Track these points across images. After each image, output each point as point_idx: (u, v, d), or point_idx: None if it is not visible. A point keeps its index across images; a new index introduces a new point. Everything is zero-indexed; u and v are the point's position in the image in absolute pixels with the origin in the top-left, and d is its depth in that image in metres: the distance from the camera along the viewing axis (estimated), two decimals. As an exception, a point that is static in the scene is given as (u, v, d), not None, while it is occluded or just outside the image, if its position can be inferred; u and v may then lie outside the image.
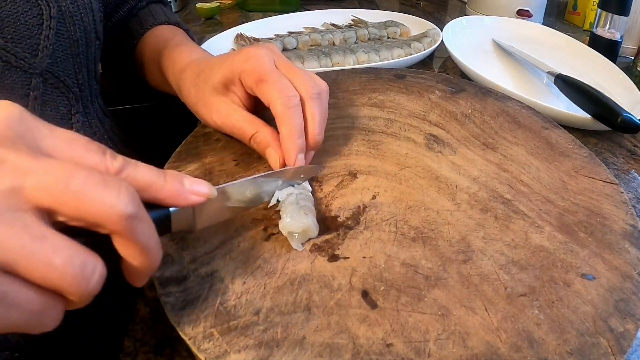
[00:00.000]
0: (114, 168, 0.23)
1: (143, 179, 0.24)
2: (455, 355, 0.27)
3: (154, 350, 0.31)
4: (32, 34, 0.37)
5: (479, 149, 0.44)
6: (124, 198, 0.21)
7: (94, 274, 0.21)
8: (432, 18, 0.88)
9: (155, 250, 0.24)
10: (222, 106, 0.40)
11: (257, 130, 0.38)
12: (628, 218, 0.38)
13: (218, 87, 0.40)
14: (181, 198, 0.26)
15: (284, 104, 0.36)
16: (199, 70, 0.43)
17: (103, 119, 0.49)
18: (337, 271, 0.32)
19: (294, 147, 0.36)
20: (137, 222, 0.22)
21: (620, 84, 0.66)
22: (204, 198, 0.27)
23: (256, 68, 0.37)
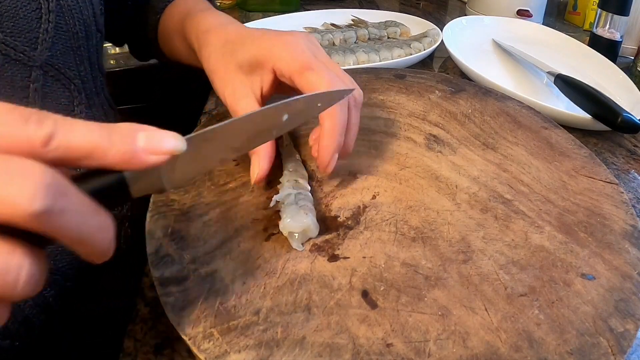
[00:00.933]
0: (39, 138, 0.19)
1: (80, 144, 0.20)
2: (455, 355, 0.27)
3: (154, 350, 0.31)
4: (31, 27, 0.37)
5: (479, 149, 0.44)
6: (28, 192, 0.17)
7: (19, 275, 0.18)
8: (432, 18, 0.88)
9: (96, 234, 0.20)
10: (239, 87, 0.38)
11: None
12: (628, 218, 0.38)
13: (244, 65, 0.38)
14: (134, 161, 0.21)
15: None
16: (226, 39, 0.40)
17: (108, 111, 0.49)
18: (337, 271, 0.32)
19: (333, 144, 0.35)
20: (53, 217, 0.18)
21: (620, 84, 0.66)
22: (167, 156, 0.22)
23: (298, 57, 0.35)
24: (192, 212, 0.36)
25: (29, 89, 0.39)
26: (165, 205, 0.36)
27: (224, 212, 0.36)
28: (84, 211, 0.19)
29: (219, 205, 0.36)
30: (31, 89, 0.39)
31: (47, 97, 0.40)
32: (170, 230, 0.34)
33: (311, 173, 0.40)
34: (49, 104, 0.41)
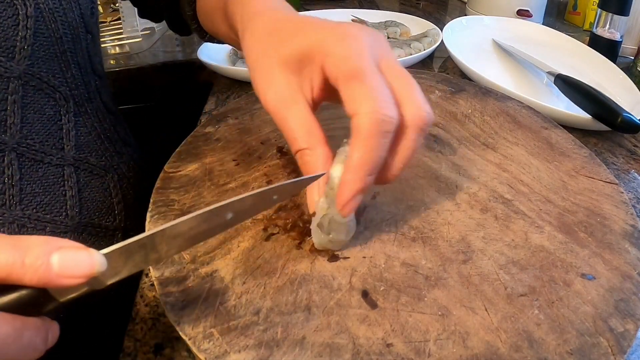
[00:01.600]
0: None
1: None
2: (455, 355, 0.27)
3: (154, 350, 0.31)
4: (7, 35, 0.35)
5: (479, 149, 0.44)
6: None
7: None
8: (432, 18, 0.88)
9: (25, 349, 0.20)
10: (285, 90, 0.31)
11: (309, 147, 0.30)
12: (628, 218, 0.38)
13: (290, 61, 0.31)
14: (50, 284, 0.21)
15: (373, 123, 0.27)
16: (273, 28, 0.33)
17: (104, 117, 0.48)
18: (337, 271, 0.32)
19: (357, 186, 0.28)
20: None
21: (620, 84, 0.66)
22: (83, 279, 0.21)
23: (351, 57, 0.28)
24: (192, 212, 0.36)
25: (7, 101, 0.36)
26: (165, 205, 0.36)
27: (224, 212, 0.36)
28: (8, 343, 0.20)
29: (219, 205, 0.36)
30: (9, 102, 0.37)
31: (28, 108, 0.38)
32: (170, 230, 0.34)
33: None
34: (31, 115, 0.39)
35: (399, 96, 0.29)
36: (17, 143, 0.38)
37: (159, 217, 0.35)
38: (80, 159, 0.44)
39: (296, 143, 0.31)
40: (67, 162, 0.42)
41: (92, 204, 0.45)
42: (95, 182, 0.45)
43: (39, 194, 0.40)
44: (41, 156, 0.40)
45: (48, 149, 0.40)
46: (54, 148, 0.41)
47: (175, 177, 0.39)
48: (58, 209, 0.41)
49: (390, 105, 0.28)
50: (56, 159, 0.41)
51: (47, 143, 0.40)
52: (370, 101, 0.27)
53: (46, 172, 0.40)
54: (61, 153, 0.42)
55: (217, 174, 0.39)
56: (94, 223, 0.44)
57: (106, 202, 0.46)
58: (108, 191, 0.47)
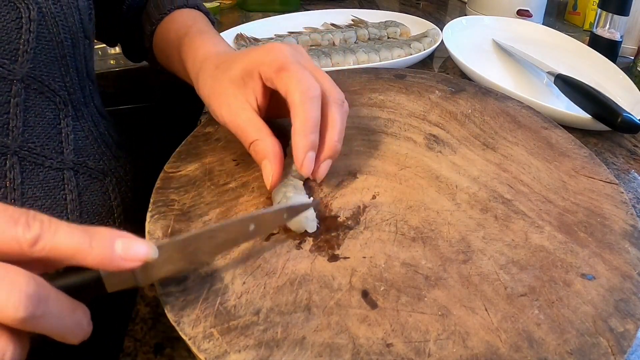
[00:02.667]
0: (27, 240, 0.22)
1: (64, 247, 0.22)
2: (455, 355, 0.27)
3: (154, 350, 0.31)
4: (10, 38, 0.35)
5: (479, 149, 0.44)
6: (14, 301, 0.20)
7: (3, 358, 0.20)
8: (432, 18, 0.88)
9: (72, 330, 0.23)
10: (234, 102, 0.38)
11: (259, 138, 0.36)
12: (628, 218, 0.38)
13: (236, 79, 0.38)
14: (111, 265, 0.23)
15: (302, 93, 0.34)
16: (219, 62, 0.41)
17: (98, 122, 0.48)
18: (337, 271, 0.32)
19: (305, 143, 0.34)
20: (35, 321, 0.21)
21: (620, 84, 0.66)
22: (140, 262, 0.24)
23: (278, 58, 0.35)
24: (192, 212, 0.36)
25: (10, 104, 0.37)
26: (165, 205, 0.36)
27: (224, 212, 0.36)
28: (62, 313, 0.22)
29: (219, 205, 0.36)
30: (12, 104, 0.37)
31: (29, 111, 0.39)
32: (170, 230, 0.34)
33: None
34: (32, 119, 0.39)
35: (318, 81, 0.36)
36: (19, 146, 0.38)
37: (159, 217, 0.35)
38: (79, 162, 0.44)
39: (248, 137, 0.36)
40: (66, 166, 0.42)
41: (91, 207, 0.45)
42: (94, 185, 0.45)
43: (40, 198, 0.40)
44: (42, 160, 0.40)
45: (48, 153, 0.41)
46: (54, 152, 0.41)
47: (175, 177, 0.39)
48: (59, 213, 0.41)
49: (312, 79, 0.35)
50: (56, 162, 0.41)
51: (47, 147, 0.40)
52: (296, 80, 0.34)
53: (47, 176, 0.40)
54: (61, 157, 0.42)
55: (217, 174, 0.39)
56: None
57: (105, 205, 0.47)
58: (107, 195, 0.47)
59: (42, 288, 0.21)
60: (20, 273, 0.21)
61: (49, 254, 0.22)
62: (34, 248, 0.22)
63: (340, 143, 0.36)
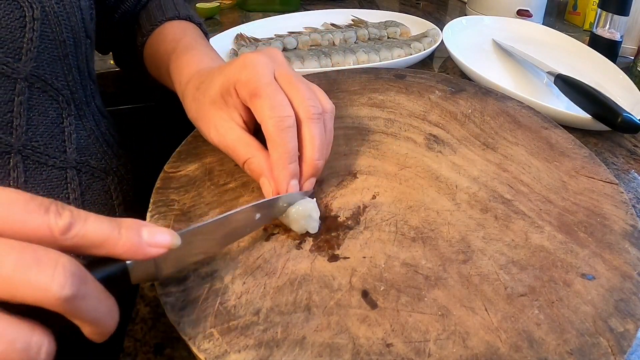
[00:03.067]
0: (59, 228, 0.22)
1: (95, 235, 0.23)
2: (455, 355, 0.27)
3: (154, 350, 0.31)
4: (14, 37, 0.36)
5: (479, 149, 0.44)
6: (60, 279, 0.20)
7: (39, 352, 0.20)
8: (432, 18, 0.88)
9: (106, 318, 0.23)
10: (220, 123, 0.37)
11: (251, 156, 0.36)
12: (628, 218, 0.38)
13: (216, 99, 0.37)
14: (139, 252, 0.24)
15: (275, 125, 0.33)
16: (199, 83, 0.40)
17: (100, 121, 0.48)
18: (337, 271, 0.32)
19: (285, 174, 0.34)
20: (77, 301, 0.21)
21: (620, 84, 0.66)
22: (165, 249, 0.25)
23: (251, 79, 0.34)
24: (192, 212, 0.36)
25: (13, 102, 0.37)
26: (165, 205, 0.36)
27: (224, 212, 0.36)
28: (99, 297, 0.22)
29: (219, 205, 0.36)
30: (15, 103, 0.37)
31: (33, 110, 0.39)
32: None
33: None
34: (36, 117, 0.39)
35: (291, 98, 0.35)
36: (23, 145, 0.38)
37: (159, 217, 0.35)
38: (81, 161, 0.44)
39: (239, 156, 0.36)
40: (69, 165, 0.42)
41: (94, 206, 0.45)
42: (96, 184, 0.46)
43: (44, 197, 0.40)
44: (45, 158, 0.40)
45: (51, 152, 0.41)
46: (56, 150, 0.41)
47: (175, 177, 0.39)
48: None
49: (285, 107, 0.34)
50: (59, 161, 0.41)
51: (50, 145, 0.41)
52: (269, 109, 0.33)
53: (50, 175, 0.41)
54: (64, 156, 0.42)
55: (217, 174, 0.39)
56: None
57: (108, 204, 0.47)
58: (109, 193, 0.47)
59: (82, 269, 0.21)
60: (60, 253, 0.21)
61: (79, 242, 0.22)
62: (66, 235, 0.22)
63: (321, 160, 0.35)
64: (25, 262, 0.20)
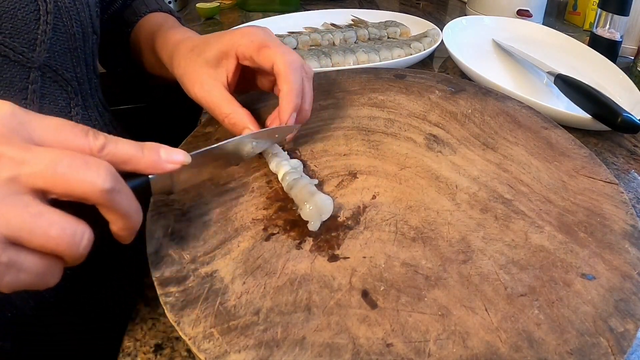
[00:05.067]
0: (96, 147, 0.26)
1: (123, 154, 0.27)
2: (455, 355, 0.27)
3: (154, 350, 0.31)
4: (29, 29, 0.38)
5: (479, 149, 0.44)
6: (103, 175, 0.24)
7: (83, 238, 0.24)
8: (432, 18, 0.88)
9: (135, 214, 0.27)
10: (207, 80, 0.42)
11: (232, 111, 0.40)
12: (628, 218, 0.38)
13: (211, 59, 0.42)
14: (158, 167, 0.29)
15: (288, 63, 0.39)
16: (193, 45, 0.45)
17: (103, 113, 0.50)
18: (337, 271, 0.32)
19: (292, 105, 0.39)
20: (115, 194, 0.25)
21: (620, 84, 0.66)
22: (179, 165, 0.30)
23: (255, 39, 0.41)
24: (192, 212, 0.36)
25: (28, 90, 0.39)
26: (165, 205, 0.36)
27: (224, 212, 0.36)
28: (130, 195, 0.27)
29: (219, 205, 0.36)
30: (30, 90, 0.39)
31: (45, 98, 0.41)
32: (170, 230, 0.34)
33: (311, 174, 0.40)
34: (47, 105, 0.41)
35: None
36: None
37: (159, 217, 0.35)
38: None
39: (221, 110, 0.41)
40: None
41: None
42: None
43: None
44: None
45: None
46: None
47: (175, 177, 0.39)
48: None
49: (294, 53, 0.40)
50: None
51: None
52: (280, 53, 0.39)
53: None
54: None
55: (217, 174, 0.39)
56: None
57: None
58: None
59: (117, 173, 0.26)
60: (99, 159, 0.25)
61: (112, 159, 0.27)
62: (102, 153, 0.26)
63: (309, 111, 0.42)
64: (77, 163, 0.24)
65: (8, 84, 0.38)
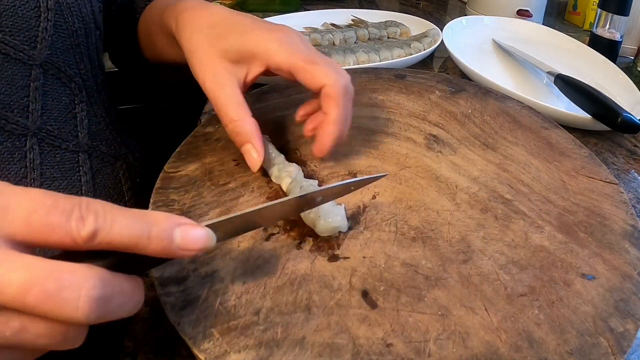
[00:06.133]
0: (83, 237, 0.21)
1: (121, 240, 0.22)
2: (455, 355, 0.27)
3: (154, 350, 0.31)
4: (30, 26, 0.38)
5: (479, 149, 0.44)
6: (83, 309, 0.20)
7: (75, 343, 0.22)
8: (432, 18, 0.87)
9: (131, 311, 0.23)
10: (221, 73, 0.37)
11: (239, 119, 0.36)
12: (628, 218, 0.38)
13: (231, 52, 0.37)
14: (170, 255, 0.23)
15: (344, 87, 0.36)
16: (212, 21, 0.39)
17: (109, 109, 0.50)
18: (337, 271, 0.32)
19: (338, 134, 0.36)
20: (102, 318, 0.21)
21: (620, 84, 0.66)
22: (198, 252, 0.24)
23: (297, 51, 0.36)
24: (192, 212, 0.36)
25: (29, 88, 0.39)
26: (165, 205, 0.36)
27: (223, 212, 0.36)
28: (124, 301, 0.22)
29: (219, 205, 0.36)
30: (31, 88, 0.39)
31: (47, 95, 0.41)
32: (170, 230, 0.34)
33: (311, 173, 0.40)
34: (50, 103, 0.41)
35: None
36: (38, 128, 0.40)
37: (159, 217, 0.35)
38: (93, 146, 0.46)
39: (227, 115, 0.37)
40: (81, 149, 0.44)
41: (104, 189, 0.47)
42: (106, 169, 0.48)
43: (58, 179, 0.42)
44: (59, 142, 0.42)
45: (65, 135, 0.43)
46: (70, 135, 0.43)
47: (175, 177, 0.39)
48: (75, 193, 0.43)
49: (346, 75, 0.37)
50: (72, 145, 0.43)
51: (63, 130, 0.43)
52: (333, 74, 0.36)
53: (63, 158, 0.43)
54: (76, 140, 0.44)
55: (217, 174, 0.39)
56: None
57: (117, 188, 0.49)
58: (118, 178, 0.49)
59: (107, 287, 0.21)
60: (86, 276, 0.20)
61: (106, 247, 0.22)
62: (91, 244, 0.21)
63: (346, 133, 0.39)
64: (49, 293, 0.19)
65: (9, 82, 0.37)
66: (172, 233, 0.23)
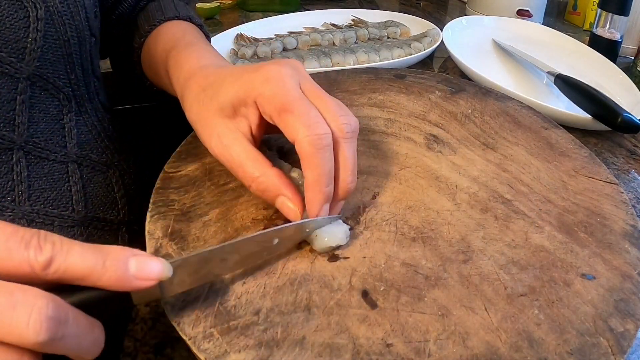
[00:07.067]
0: (40, 264, 0.21)
1: (77, 268, 0.22)
2: (455, 355, 0.27)
3: (154, 350, 0.31)
4: (18, 37, 0.36)
5: (479, 149, 0.44)
6: (34, 326, 0.20)
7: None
8: (432, 18, 0.88)
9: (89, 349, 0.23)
10: (225, 132, 0.34)
11: (261, 174, 0.32)
12: (628, 218, 0.38)
13: (225, 108, 0.34)
14: (125, 285, 0.23)
15: (312, 143, 0.30)
16: (206, 84, 0.37)
17: (103, 116, 0.48)
18: (337, 271, 0.32)
19: (321, 197, 0.31)
20: (54, 343, 0.21)
21: (620, 84, 0.66)
22: (154, 282, 0.24)
23: (278, 93, 0.32)
24: (192, 212, 0.36)
25: (16, 101, 0.37)
26: (165, 205, 0.36)
27: (224, 212, 0.36)
28: (80, 333, 0.22)
29: (219, 205, 0.36)
30: (18, 102, 0.37)
31: (34, 108, 0.39)
32: (170, 230, 0.34)
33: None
34: (37, 115, 0.40)
35: (323, 114, 0.32)
36: (25, 141, 0.39)
37: (159, 217, 0.35)
38: (82, 155, 0.45)
39: (247, 174, 0.33)
40: (70, 159, 0.43)
41: (96, 198, 0.46)
42: (98, 177, 0.46)
43: (46, 190, 0.41)
44: (46, 153, 0.41)
45: (52, 147, 0.41)
46: (57, 146, 0.42)
47: (175, 177, 0.39)
48: (64, 204, 0.42)
49: (321, 124, 0.31)
50: (60, 156, 0.42)
51: (51, 141, 0.41)
52: (303, 127, 0.31)
53: (51, 169, 0.41)
54: (64, 150, 0.43)
55: (217, 174, 0.39)
56: (99, 217, 0.45)
57: (109, 196, 0.47)
58: (111, 186, 0.48)
59: (61, 310, 0.21)
60: (38, 295, 0.21)
61: (62, 276, 0.22)
62: (47, 271, 0.22)
63: (353, 182, 0.33)
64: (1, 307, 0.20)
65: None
66: (127, 262, 0.23)
